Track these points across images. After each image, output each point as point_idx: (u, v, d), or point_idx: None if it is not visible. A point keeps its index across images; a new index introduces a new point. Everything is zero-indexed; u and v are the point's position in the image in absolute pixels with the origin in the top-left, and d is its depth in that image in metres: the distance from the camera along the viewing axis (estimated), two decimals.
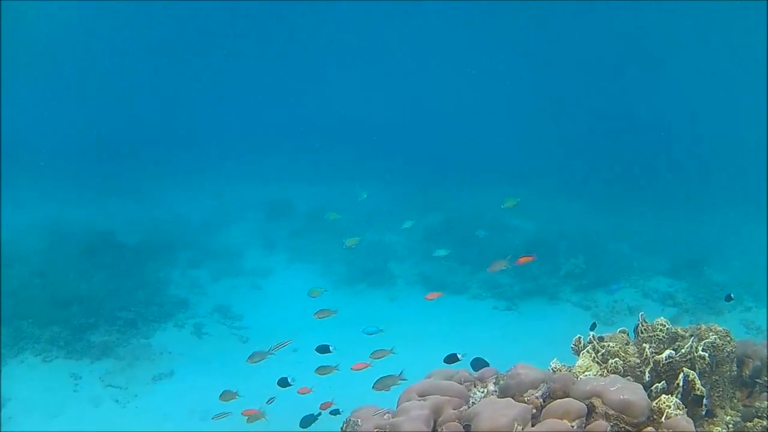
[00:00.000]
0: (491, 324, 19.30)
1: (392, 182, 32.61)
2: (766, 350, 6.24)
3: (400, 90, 55.95)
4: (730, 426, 5.55)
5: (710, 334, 5.85)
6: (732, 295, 12.23)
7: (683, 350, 5.47)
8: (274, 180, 32.73)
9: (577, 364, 5.75)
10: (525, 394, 4.98)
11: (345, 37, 59.36)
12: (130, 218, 26.23)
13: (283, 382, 11.10)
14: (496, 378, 5.50)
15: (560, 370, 5.71)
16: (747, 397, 6.01)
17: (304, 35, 58.97)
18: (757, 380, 6.11)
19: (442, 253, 18.96)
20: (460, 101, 53.62)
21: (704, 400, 5.22)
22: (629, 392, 4.69)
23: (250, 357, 11.48)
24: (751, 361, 6.17)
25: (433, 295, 15.16)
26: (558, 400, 4.78)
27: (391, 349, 11.12)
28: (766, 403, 5.63)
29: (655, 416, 4.83)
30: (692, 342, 5.55)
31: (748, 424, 5.58)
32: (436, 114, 50.23)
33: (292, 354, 16.34)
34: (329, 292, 20.68)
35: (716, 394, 5.74)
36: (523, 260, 13.98)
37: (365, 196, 21.00)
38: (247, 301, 20.28)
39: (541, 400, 4.93)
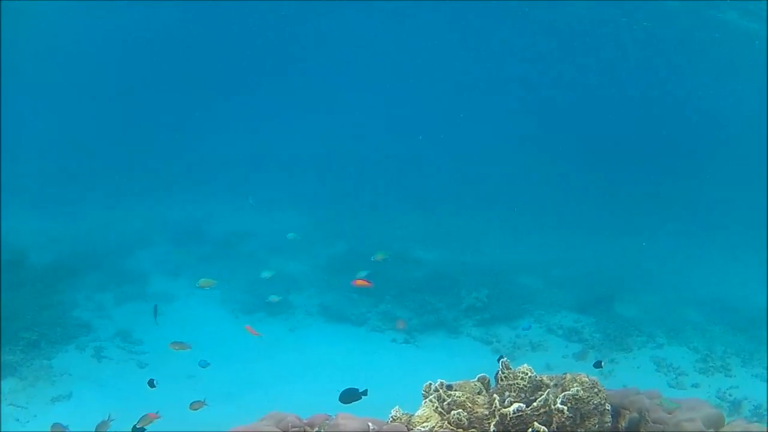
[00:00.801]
0: (388, 357, 19.40)
1: (308, 209, 32.35)
2: (645, 401, 6.04)
3: (322, 114, 55.57)
4: None
5: (574, 385, 5.54)
6: (602, 363, 12.06)
7: (536, 403, 5.19)
8: (187, 204, 32.44)
9: (416, 414, 5.53)
10: None
11: (264, 62, 60.12)
12: (49, 236, 26.22)
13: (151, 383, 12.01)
14: (320, 426, 5.41)
15: (399, 420, 5.53)
16: None
17: (222, 59, 59.34)
18: None
19: (275, 298, 19.59)
20: (379, 127, 53.13)
21: None
22: None
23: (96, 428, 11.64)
24: (628, 412, 6.01)
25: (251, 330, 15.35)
26: None
27: (204, 401, 11.87)
28: None
29: None
30: (547, 395, 5.26)
31: None
32: (357, 142, 49.49)
33: (188, 380, 16.88)
34: (228, 321, 21.30)
35: None
36: (360, 283, 14.82)
37: (252, 201, 21.31)
38: (148, 327, 20.09)
39: None
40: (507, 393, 5.50)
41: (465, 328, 21.65)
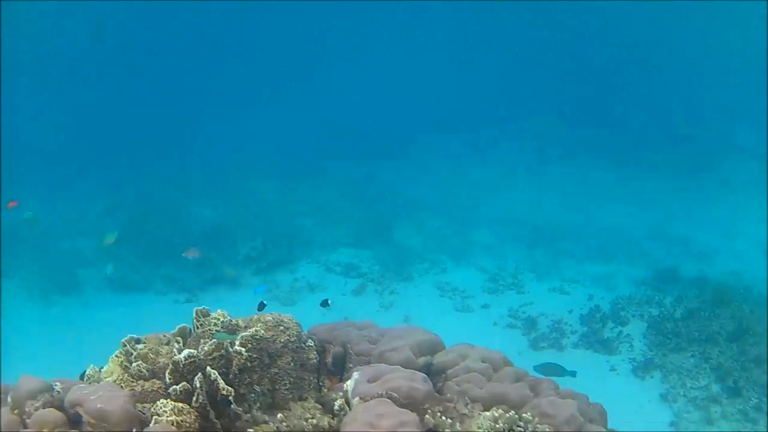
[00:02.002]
0: (171, 318, 19.10)
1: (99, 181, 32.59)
2: (352, 333, 6.41)
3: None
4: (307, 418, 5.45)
5: (257, 325, 5.70)
6: (329, 301, 12.23)
7: (206, 347, 5.31)
8: None
9: (104, 369, 5.75)
10: (26, 406, 5.04)
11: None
12: None
13: None
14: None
15: (92, 377, 5.76)
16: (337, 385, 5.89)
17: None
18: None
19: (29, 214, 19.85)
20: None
21: (231, 399, 5.12)
22: (106, 401, 4.76)
23: None
24: (332, 347, 6.27)
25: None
26: (39, 411, 4.93)
27: None
28: (336, 395, 5.61)
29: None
30: (213, 340, 5.42)
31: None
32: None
33: None
34: (27, 307, 21.57)
35: (284, 388, 5.63)
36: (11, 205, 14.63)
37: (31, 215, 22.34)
38: None
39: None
40: (203, 340, 5.66)
41: (244, 279, 22.31)
